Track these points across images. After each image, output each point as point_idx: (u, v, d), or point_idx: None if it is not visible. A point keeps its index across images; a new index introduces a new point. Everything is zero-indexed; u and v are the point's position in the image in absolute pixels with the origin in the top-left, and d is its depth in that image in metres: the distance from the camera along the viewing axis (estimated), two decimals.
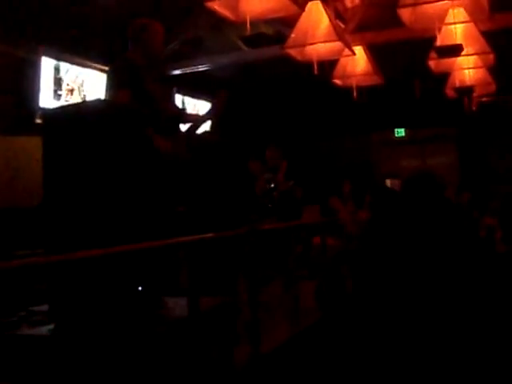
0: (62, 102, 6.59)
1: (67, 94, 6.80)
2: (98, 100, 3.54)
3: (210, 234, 3.56)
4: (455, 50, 5.47)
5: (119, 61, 3.99)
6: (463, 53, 5.62)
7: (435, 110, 10.39)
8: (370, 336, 2.86)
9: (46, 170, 3.14)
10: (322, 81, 6.54)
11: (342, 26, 6.56)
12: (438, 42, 5.54)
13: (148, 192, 3.22)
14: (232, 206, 4.70)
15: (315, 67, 5.67)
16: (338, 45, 5.69)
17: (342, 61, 6.68)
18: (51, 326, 2.97)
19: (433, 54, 5.97)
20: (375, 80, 7.02)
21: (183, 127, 4.30)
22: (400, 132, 12.37)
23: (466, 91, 7.04)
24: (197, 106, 9.50)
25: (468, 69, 6.65)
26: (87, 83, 7.12)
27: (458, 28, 5.55)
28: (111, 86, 3.84)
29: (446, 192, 2.87)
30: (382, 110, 10.86)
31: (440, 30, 5.35)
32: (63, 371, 2.69)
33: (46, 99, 6.53)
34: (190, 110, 8.62)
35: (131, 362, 2.73)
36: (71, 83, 6.96)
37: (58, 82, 6.80)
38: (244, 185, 5.33)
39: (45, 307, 3.18)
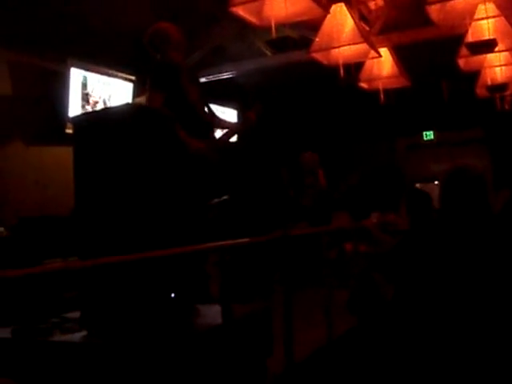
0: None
1: (95, 104, 6.83)
2: (127, 104, 3.53)
3: (245, 239, 3.52)
4: (489, 46, 5.33)
5: (159, 61, 3.95)
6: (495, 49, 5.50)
7: (465, 111, 10.25)
8: (408, 345, 2.77)
9: (77, 175, 3.12)
10: (348, 85, 6.48)
11: (367, 28, 6.50)
12: (469, 39, 5.44)
13: (180, 197, 3.19)
14: (265, 213, 4.67)
15: (341, 70, 5.62)
16: (363, 47, 5.65)
17: (368, 64, 6.62)
18: (84, 333, 2.95)
19: (463, 52, 5.85)
20: (402, 82, 6.94)
21: (217, 133, 4.28)
22: (429, 135, 12.22)
23: (498, 89, 6.87)
24: (225, 113, 9.50)
25: (500, 66, 6.50)
26: (114, 93, 7.15)
27: (489, 23, 5.41)
28: (150, 87, 3.83)
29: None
30: (409, 112, 10.75)
31: (470, 25, 5.25)
32: (95, 378, 2.66)
33: (75, 109, 6.56)
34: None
35: (162, 369, 2.69)
36: (99, 94, 7.00)
37: (85, 93, 6.85)
38: (276, 191, 5.30)
39: (77, 314, 3.16)
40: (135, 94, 7.15)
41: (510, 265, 2.54)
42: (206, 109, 4.29)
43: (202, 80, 8.44)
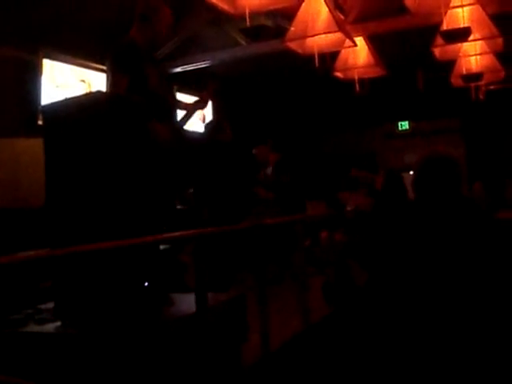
0: None
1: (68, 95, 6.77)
2: (99, 92, 3.48)
3: (217, 228, 3.51)
4: (463, 34, 5.34)
5: (122, 42, 3.81)
6: (470, 38, 5.50)
7: (440, 100, 10.31)
8: (382, 330, 2.79)
9: (47, 165, 3.08)
10: (323, 74, 6.48)
11: (342, 16, 6.49)
12: (444, 27, 5.44)
13: (150, 185, 3.17)
14: (233, 198, 4.66)
15: (316, 60, 5.61)
16: (338, 36, 5.63)
17: (343, 53, 6.61)
18: (58, 324, 2.93)
19: (438, 41, 5.85)
20: (377, 72, 6.95)
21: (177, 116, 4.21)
22: (404, 125, 12.29)
23: (473, 79, 6.90)
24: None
25: (475, 55, 6.50)
26: (88, 84, 7.09)
27: (464, 11, 5.41)
28: (112, 69, 3.68)
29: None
30: (384, 102, 10.79)
31: (446, 13, 5.25)
32: (70, 368, 2.65)
33: (48, 101, 6.49)
34: None
35: (137, 358, 2.68)
36: (71, 84, 6.93)
37: (58, 84, 6.79)
38: (243, 177, 5.30)
39: (51, 305, 3.14)
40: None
41: (483, 249, 2.56)
42: (167, 92, 4.20)
43: (177, 70, 8.41)
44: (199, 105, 4.15)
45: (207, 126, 5.63)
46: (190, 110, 4.14)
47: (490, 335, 2.47)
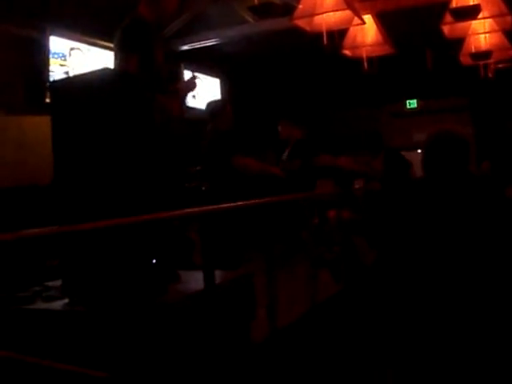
0: None
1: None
2: (106, 69, 3.46)
3: (225, 205, 3.51)
4: (472, 12, 5.30)
5: (131, 20, 3.76)
6: (479, 16, 5.45)
7: (448, 79, 10.23)
8: (390, 310, 2.79)
9: (54, 141, 3.08)
10: (331, 52, 6.43)
11: None
12: (454, 4, 5.40)
13: (158, 163, 3.16)
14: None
15: (324, 38, 5.56)
16: (347, 13, 5.56)
17: (352, 31, 6.54)
18: (65, 301, 2.94)
19: (447, 18, 5.79)
20: (386, 50, 6.87)
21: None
22: (412, 103, 12.20)
23: (482, 57, 6.84)
24: (204, 81, 9.45)
25: (484, 33, 6.44)
26: (94, 61, 7.07)
27: None
28: (121, 47, 3.64)
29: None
30: (393, 80, 10.71)
31: None
32: (77, 345, 2.67)
33: (56, 78, 6.48)
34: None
35: (145, 335, 2.70)
36: (79, 62, 6.92)
37: (65, 62, 6.77)
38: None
39: (58, 282, 3.15)
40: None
41: (494, 226, 2.55)
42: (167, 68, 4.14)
43: (184, 48, 8.37)
44: (190, 86, 4.09)
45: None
46: (181, 91, 4.10)
47: (502, 316, 2.47)
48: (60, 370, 1.94)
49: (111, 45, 5.42)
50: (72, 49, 6.92)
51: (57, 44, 6.68)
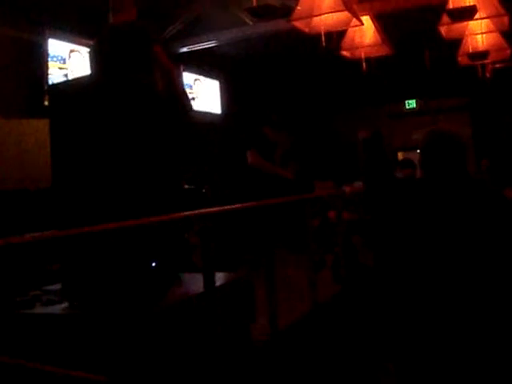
0: None
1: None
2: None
3: (227, 207, 3.50)
4: (469, 12, 5.32)
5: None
6: (475, 16, 5.47)
7: (447, 79, 10.25)
8: (389, 311, 2.79)
9: (53, 146, 3.08)
10: (330, 53, 6.44)
11: None
12: (450, 5, 5.42)
13: (157, 166, 3.16)
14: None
15: (323, 39, 5.57)
16: (345, 15, 5.58)
17: (350, 32, 6.56)
18: (65, 305, 2.94)
19: (444, 19, 5.82)
20: (384, 50, 6.89)
21: None
22: (411, 103, 12.23)
23: (480, 57, 6.86)
24: (204, 83, 9.45)
25: (481, 34, 6.47)
26: None
27: None
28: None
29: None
30: (391, 81, 10.73)
31: None
32: (77, 349, 2.66)
33: (54, 81, 6.49)
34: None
35: (145, 339, 2.70)
36: (78, 65, 6.92)
37: (65, 64, 6.78)
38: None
39: (57, 286, 3.15)
40: None
41: (491, 228, 2.55)
42: None
43: (184, 50, 8.38)
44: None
45: None
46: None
47: (501, 315, 2.47)
48: (59, 374, 1.94)
49: None
50: (71, 51, 6.92)
51: (56, 47, 6.69)
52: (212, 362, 3.03)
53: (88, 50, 3.66)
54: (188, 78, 8.98)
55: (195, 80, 9.26)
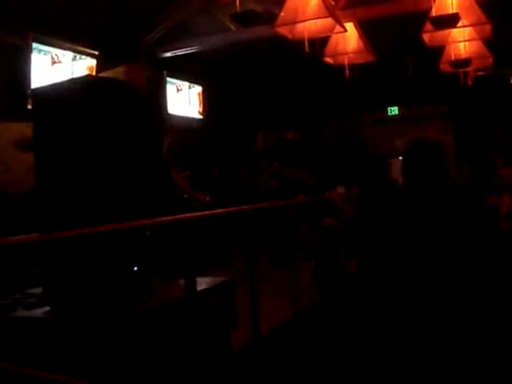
0: None
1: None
2: (88, 76, 3.47)
3: (205, 213, 3.52)
4: (452, 20, 5.37)
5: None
6: (458, 24, 5.52)
7: (429, 86, 10.32)
8: (371, 319, 2.80)
9: (36, 150, 3.08)
10: (313, 59, 6.47)
11: (332, 2, 6.47)
12: (433, 13, 5.47)
13: (140, 169, 3.16)
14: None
15: (306, 45, 5.60)
16: (328, 21, 5.60)
17: (333, 38, 6.59)
18: (46, 308, 2.93)
19: (427, 27, 5.86)
20: (367, 57, 6.93)
21: None
22: (393, 110, 12.29)
23: (462, 65, 6.92)
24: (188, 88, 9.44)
25: (464, 41, 6.53)
26: (77, 68, 7.03)
27: None
28: None
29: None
30: (374, 88, 10.78)
31: (434, 1, 5.27)
32: (58, 352, 2.66)
33: (38, 85, 6.44)
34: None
35: (126, 343, 2.70)
36: (62, 67, 6.88)
37: (49, 67, 6.74)
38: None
39: (39, 290, 3.14)
40: (99, 70, 7.03)
41: (471, 235, 2.56)
42: None
43: (167, 55, 8.37)
44: None
45: None
46: None
47: (484, 322, 2.49)
48: (41, 377, 1.94)
49: (95, 52, 5.42)
50: (55, 56, 6.88)
51: (39, 51, 6.64)
52: (192, 366, 3.03)
53: None
54: (171, 83, 8.96)
55: (178, 85, 9.23)
